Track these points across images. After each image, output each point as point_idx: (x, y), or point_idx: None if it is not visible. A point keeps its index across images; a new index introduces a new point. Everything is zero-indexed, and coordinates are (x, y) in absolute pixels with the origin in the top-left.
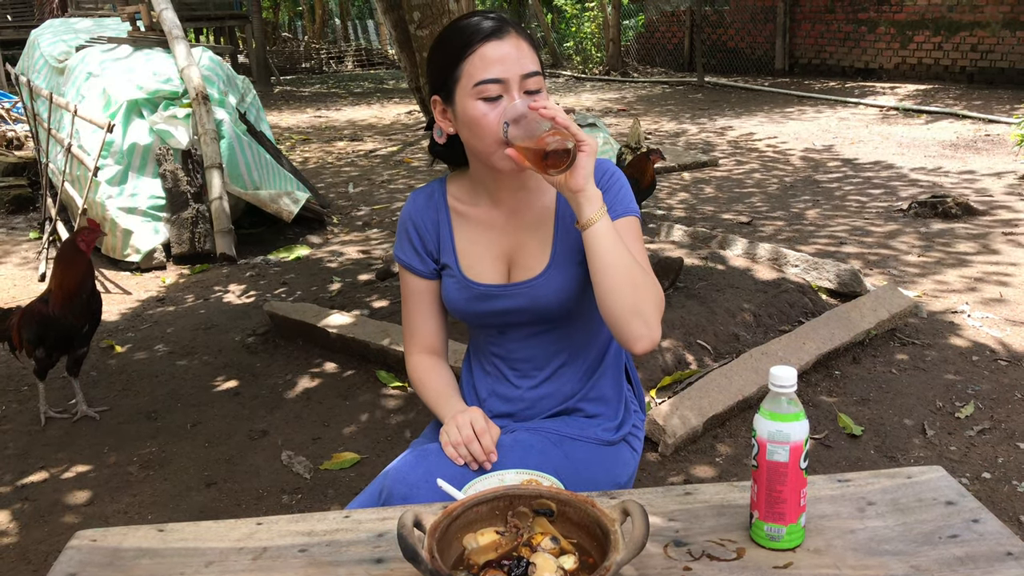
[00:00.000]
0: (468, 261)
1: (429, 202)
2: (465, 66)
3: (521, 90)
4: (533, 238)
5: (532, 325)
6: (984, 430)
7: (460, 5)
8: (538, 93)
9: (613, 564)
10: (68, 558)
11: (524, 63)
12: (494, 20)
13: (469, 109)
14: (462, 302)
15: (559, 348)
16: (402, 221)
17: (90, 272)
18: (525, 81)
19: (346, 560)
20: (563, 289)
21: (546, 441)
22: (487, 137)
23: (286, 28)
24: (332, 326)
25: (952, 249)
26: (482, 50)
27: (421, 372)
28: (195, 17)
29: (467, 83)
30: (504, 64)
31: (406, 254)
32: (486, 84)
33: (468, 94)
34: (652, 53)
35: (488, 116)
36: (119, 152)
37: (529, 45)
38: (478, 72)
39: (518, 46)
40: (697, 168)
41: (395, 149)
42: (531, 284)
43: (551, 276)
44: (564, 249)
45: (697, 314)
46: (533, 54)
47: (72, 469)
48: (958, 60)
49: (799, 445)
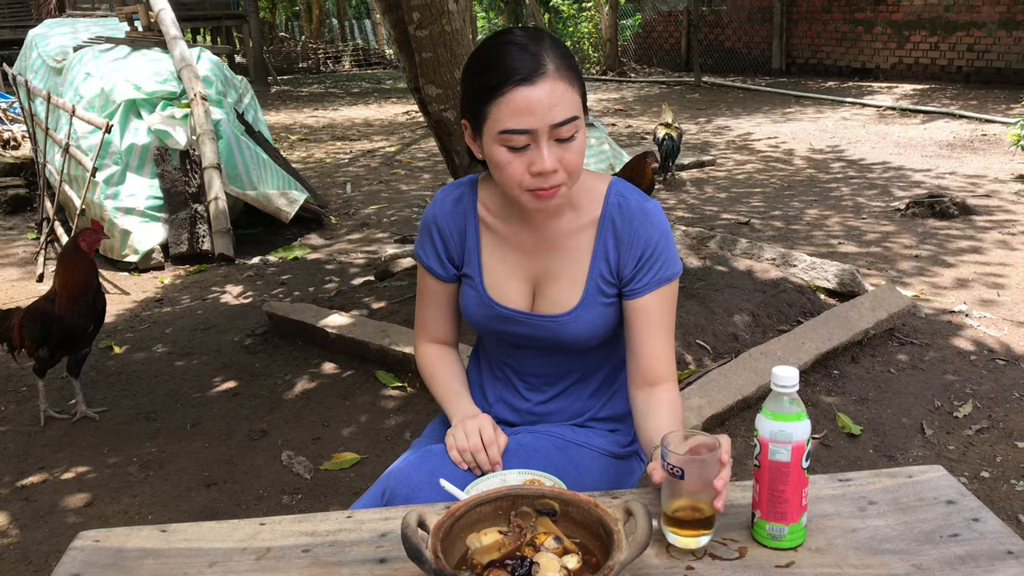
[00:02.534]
0: (492, 280)
1: (457, 206)
2: (492, 109)
3: (551, 139)
4: (566, 270)
5: (550, 350)
6: (982, 429)
7: (459, 5)
8: (571, 141)
9: (616, 564)
10: (72, 558)
11: (555, 112)
12: (531, 58)
13: (494, 153)
14: (480, 318)
15: (573, 367)
16: (426, 221)
17: (94, 272)
18: (556, 130)
19: (350, 560)
20: (588, 330)
21: (551, 446)
22: (510, 183)
23: (283, 28)
24: (331, 326)
25: (950, 249)
26: (511, 95)
27: (430, 362)
28: (192, 17)
29: (493, 127)
30: (533, 115)
31: (427, 255)
32: (511, 135)
33: (494, 138)
34: (649, 53)
35: (512, 164)
36: (117, 152)
37: (567, 85)
38: (505, 120)
39: (553, 91)
40: (696, 168)
41: (393, 149)
42: (557, 320)
43: (579, 316)
44: (596, 289)
45: (696, 314)
46: (572, 95)
47: (72, 470)
48: (955, 60)
49: (801, 445)
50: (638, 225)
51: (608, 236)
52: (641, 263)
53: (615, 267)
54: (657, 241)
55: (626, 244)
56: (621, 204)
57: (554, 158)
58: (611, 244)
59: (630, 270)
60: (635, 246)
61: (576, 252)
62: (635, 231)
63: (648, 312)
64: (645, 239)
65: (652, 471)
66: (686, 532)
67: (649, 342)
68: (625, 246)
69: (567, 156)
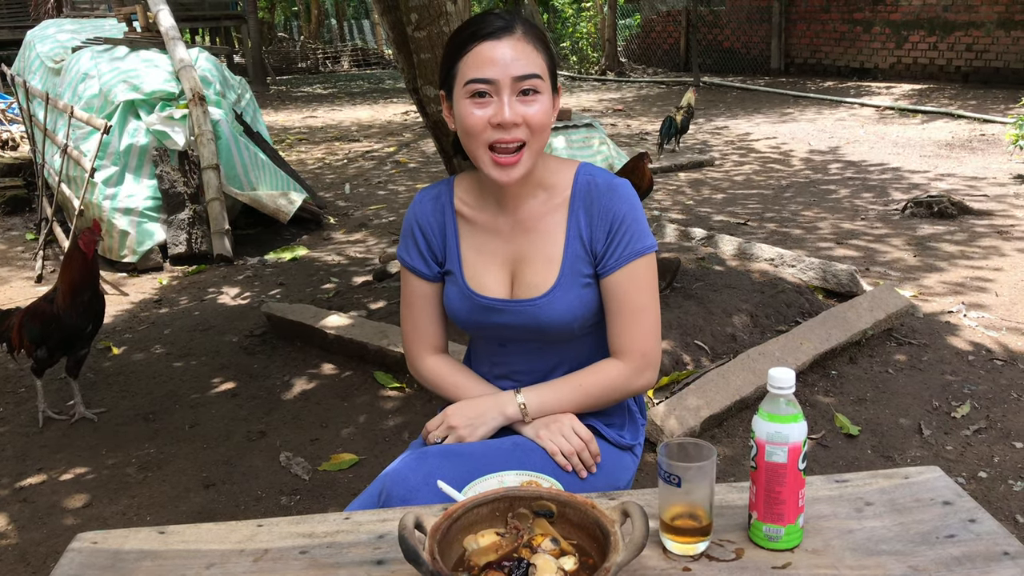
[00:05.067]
0: (472, 271)
1: (436, 204)
2: (460, 64)
3: (513, 92)
4: (540, 252)
5: (533, 341)
6: (980, 430)
7: (458, 6)
8: (535, 94)
9: (613, 565)
10: (69, 560)
11: (517, 65)
12: (500, 20)
13: (460, 108)
14: (464, 312)
15: (559, 360)
16: (407, 223)
17: (91, 272)
18: (518, 83)
19: (347, 562)
20: (567, 311)
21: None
22: (474, 136)
23: (282, 28)
24: (330, 327)
25: (948, 249)
26: (477, 49)
27: (448, 372)
28: (191, 17)
29: (461, 81)
30: (495, 66)
31: (411, 257)
32: (475, 83)
33: (461, 92)
34: (648, 53)
35: (475, 115)
36: (116, 153)
37: (533, 48)
38: (470, 71)
39: (517, 47)
40: (694, 168)
41: (392, 150)
42: (534, 303)
43: (555, 297)
44: (572, 270)
45: (694, 315)
46: (536, 57)
47: (70, 471)
48: (953, 60)
49: (797, 446)
50: (606, 200)
51: (580, 213)
52: (611, 236)
53: (588, 243)
54: (625, 213)
55: (596, 219)
56: (590, 183)
57: (515, 112)
58: (583, 221)
59: (602, 244)
60: (604, 219)
61: (550, 233)
62: (604, 205)
63: (619, 288)
64: (613, 211)
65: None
66: (683, 539)
67: (617, 319)
68: (596, 221)
69: (528, 112)
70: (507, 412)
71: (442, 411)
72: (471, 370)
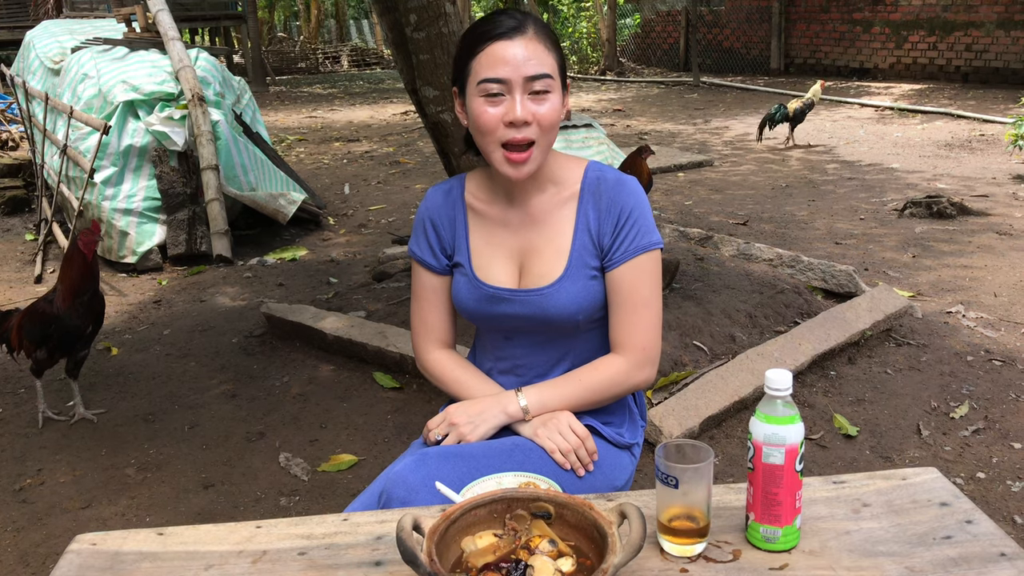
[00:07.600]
0: (480, 261)
1: (447, 199)
2: (474, 64)
3: (525, 92)
4: (549, 244)
5: (539, 333)
6: (979, 430)
7: (456, 7)
8: (546, 93)
9: (610, 566)
10: (68, 562)
11: (529, 66)
12: (513, 20)
13: (473, 106)
14: (472, 302)
15: (563, 356)
16: (419, 217)
17: (91, 273)
18: (530, 83)
19: (345, 563)
20: (573, 302)
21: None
22: (487, 133)
23: (282, 28)
24: (329, 328)
25: (947, 249)
26: (490, 48)
27: (455, 367)
28: (190, 17)
29: (473, 81)
30: (508, 66)
31: (422, 250)
32: (488, 83)
33: (474, 91)
34: (648, 53)
35: (488, 114)
36: (115, 153)
37: (545, 48)
38: (483, 70)
39: (528, 47)
40: (693, 168)
41: (391, 150)
42: (541, 293)
43: (562, 287)
44: (580, 261)
45: (693, 315)
46: (548, 57)
47: (70, 472)
48: (953, 60)
49: (794, 448)
50: (615, 193)
51: (588, 206)
52: (618, 229)
53: (596, 236)
54: (632, 207)
55: (604, 212)
56: (599, 178)
57: (527, 110)
58: (592, 215)
59: (609, 237)
60: (612, 212)
61: (559, 225)
62: (612, 199)
63: (623, 282)
64: (621, 205)
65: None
66: (681, 540)
67: (619, 312)
68: (604, 214)
69: (540, 111)
70: (509, 410)
71: (444, 409)
72: (475, 367)
